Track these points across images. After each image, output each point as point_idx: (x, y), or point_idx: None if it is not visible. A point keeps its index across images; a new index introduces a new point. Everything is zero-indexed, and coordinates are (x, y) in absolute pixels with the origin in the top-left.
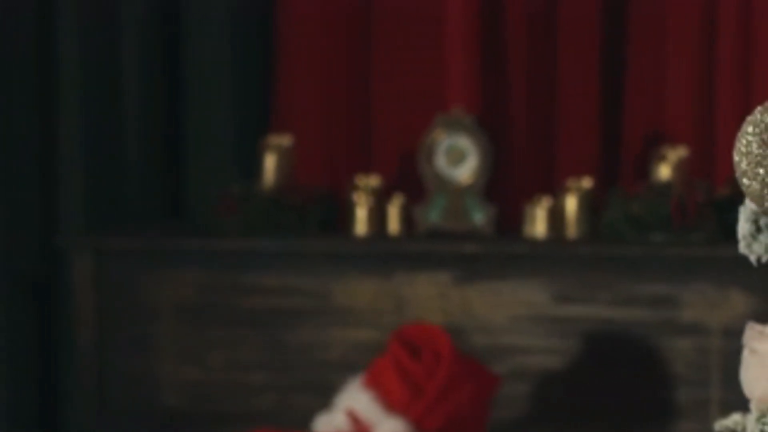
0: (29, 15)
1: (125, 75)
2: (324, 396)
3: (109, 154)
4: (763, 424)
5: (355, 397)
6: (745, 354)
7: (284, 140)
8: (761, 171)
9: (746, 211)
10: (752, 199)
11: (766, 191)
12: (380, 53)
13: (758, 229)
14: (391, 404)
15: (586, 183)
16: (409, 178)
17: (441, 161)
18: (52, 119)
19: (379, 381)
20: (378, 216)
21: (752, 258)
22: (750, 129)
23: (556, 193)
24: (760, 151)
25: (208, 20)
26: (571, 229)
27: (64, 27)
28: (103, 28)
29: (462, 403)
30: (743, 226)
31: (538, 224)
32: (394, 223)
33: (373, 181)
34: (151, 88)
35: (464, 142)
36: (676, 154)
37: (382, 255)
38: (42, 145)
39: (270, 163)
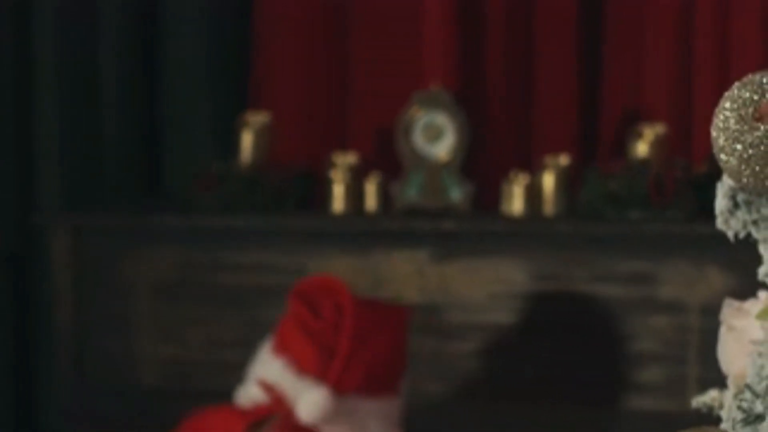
0: None
1: (102, 51)
2: None
3: (86, 130)
4: (741, 400)
5: (267, 366)
6: (723, 330)
7: (262, 117)
8: (739, 147)
9: (724, 186)
10: (730, 175)
11: (743, 167)
12: (358, 30)
13: (736, 205)
14: (304, 369)
15: (564, 160)
16: (387, 156)
17: (418, 138)
18: (28, 96)
19: (286, 345)
20: (355, 193)
21: (730, 234)
22: (728, 104)
23: (534, 170)
24: (738, 126)
25: None
26: (549, 207)
27: None
28: (80, 4)
29: (378, 352)
30: (721, 202)
31: (516, 201)
32: (371, 201)
33: (350, 158)
34: (129, 65)
35: (442, 119)
36: (654, 131)
37: (359, 232)
38: (19, 122)
39: (247, 140)
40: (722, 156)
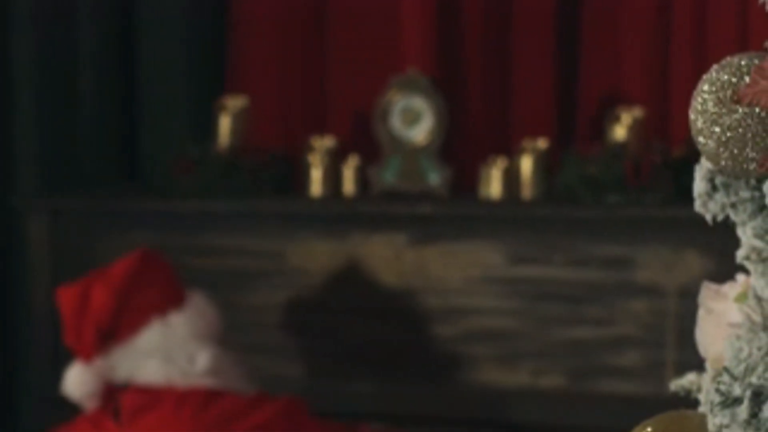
0: None
1: (80, 35)
2: (279, 358)
3: (64, 115)
4: (719, 383)
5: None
6: (701, 313)
7: (239, 101)
8: (717, 129)
9: (702, 169)
10: (708, 158)
11: (721, 149)
12: (336, 13)
13: (714, 188)
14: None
15: (542, 144)
16: (365, 139)
17: (396, 122)
18: (6, 80)
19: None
20: (333, 177)
21: (708, 217)
22: (706, 87)
23: (512, 153)
24: (716, 109)
25: None
26: (527, 190)
27: None
28: None
29: (99, 309)
30: (699, 185)
31: (494, 185)
32: (349, 184)
33: (328, 142)
34: (106, 49)
35: (419, 103)
36: (632, 114)
37: (337, 216)
38: None
39: (225, 124)
40: (700, 139)
